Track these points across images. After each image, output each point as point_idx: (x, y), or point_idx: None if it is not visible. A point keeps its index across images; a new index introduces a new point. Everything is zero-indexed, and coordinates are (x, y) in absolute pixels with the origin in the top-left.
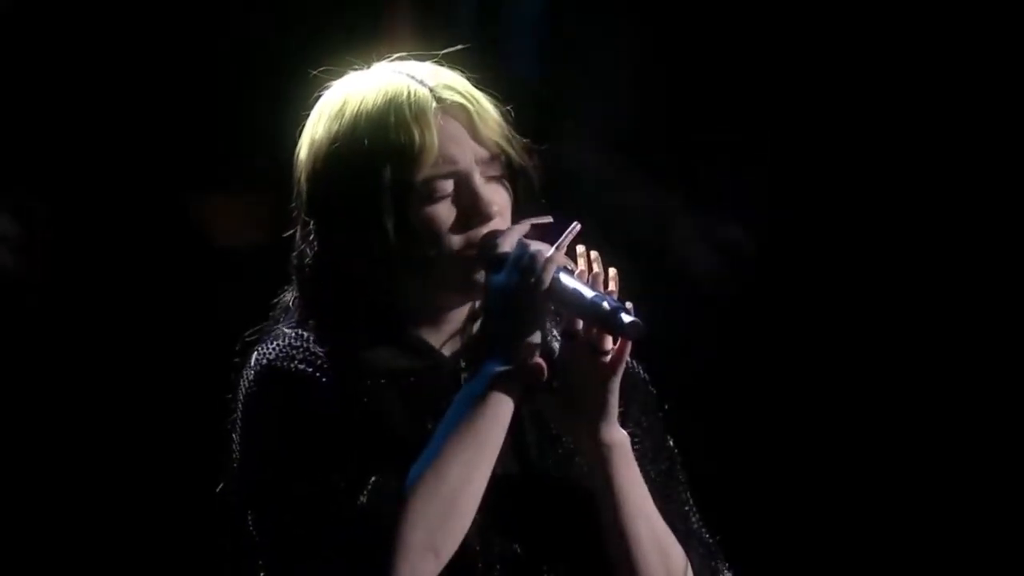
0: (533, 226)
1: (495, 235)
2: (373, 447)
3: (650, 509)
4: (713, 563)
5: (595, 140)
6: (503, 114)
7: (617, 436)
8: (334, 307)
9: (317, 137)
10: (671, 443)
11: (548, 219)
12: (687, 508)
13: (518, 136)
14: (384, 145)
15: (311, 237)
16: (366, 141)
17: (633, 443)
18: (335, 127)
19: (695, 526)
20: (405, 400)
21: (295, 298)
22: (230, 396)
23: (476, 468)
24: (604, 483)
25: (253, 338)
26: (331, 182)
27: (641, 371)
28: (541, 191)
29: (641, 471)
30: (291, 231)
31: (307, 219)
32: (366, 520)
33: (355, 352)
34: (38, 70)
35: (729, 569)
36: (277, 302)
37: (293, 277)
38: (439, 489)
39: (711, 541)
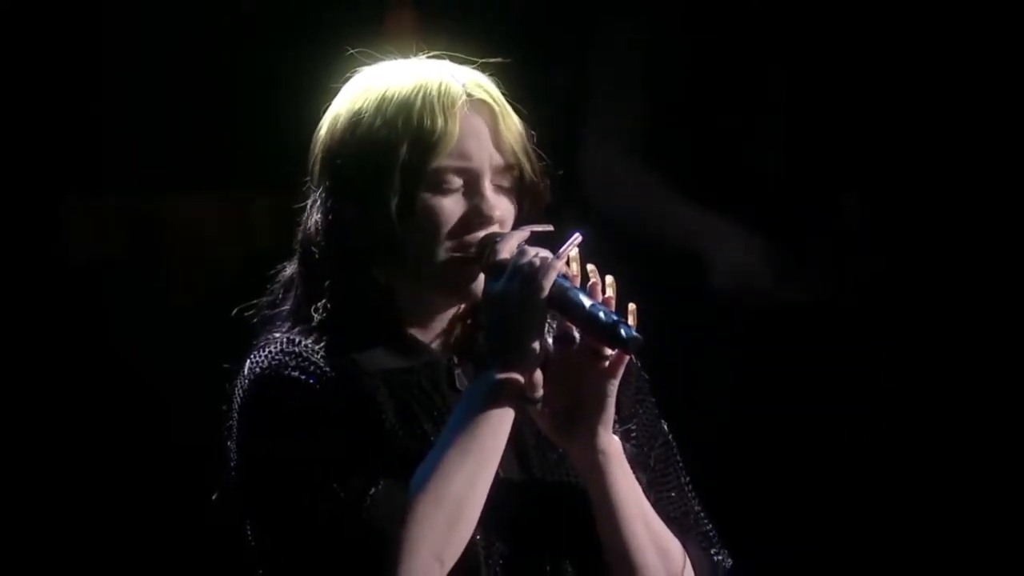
0: (533, 234)
1: (495, 237)
2: (367, 447)
3: (646, 509)
4: (712, 551)
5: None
6: (527, 130)
7: (613, 443)
8: (330, 295)
9: (341, 112)
10: (665, 427)
11: (549, 227)
12: (686, 490)
13: (536, 153)
14: (405, 124)
15: (317, 205)
16: (388, 118)
17: (629, 429)
18: (360, 104)
19: (693, 509)
20: (397, 398)
21: (295, 272)
22: (226, 403)
23: (479, 477)
24: (600, 491)
25: (250, 313)
26: (347, 152)
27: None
28: (547, 213)
29: (639, 456)
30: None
31: (316, 189)
32: (371, 529)
33: (348, 350)
34: (35, 69)
35: (727, 555)
36: (276, 273)
37: (297, 250)
38: (444, 498)
39: (709, 527)
